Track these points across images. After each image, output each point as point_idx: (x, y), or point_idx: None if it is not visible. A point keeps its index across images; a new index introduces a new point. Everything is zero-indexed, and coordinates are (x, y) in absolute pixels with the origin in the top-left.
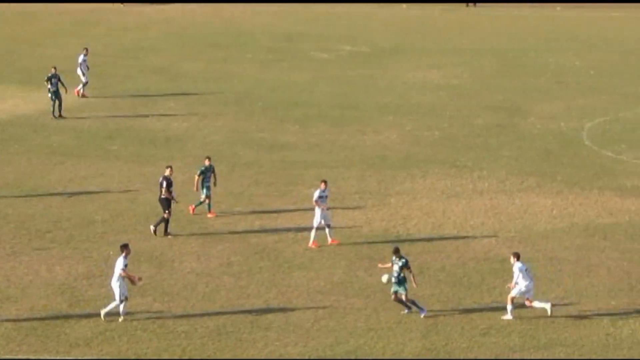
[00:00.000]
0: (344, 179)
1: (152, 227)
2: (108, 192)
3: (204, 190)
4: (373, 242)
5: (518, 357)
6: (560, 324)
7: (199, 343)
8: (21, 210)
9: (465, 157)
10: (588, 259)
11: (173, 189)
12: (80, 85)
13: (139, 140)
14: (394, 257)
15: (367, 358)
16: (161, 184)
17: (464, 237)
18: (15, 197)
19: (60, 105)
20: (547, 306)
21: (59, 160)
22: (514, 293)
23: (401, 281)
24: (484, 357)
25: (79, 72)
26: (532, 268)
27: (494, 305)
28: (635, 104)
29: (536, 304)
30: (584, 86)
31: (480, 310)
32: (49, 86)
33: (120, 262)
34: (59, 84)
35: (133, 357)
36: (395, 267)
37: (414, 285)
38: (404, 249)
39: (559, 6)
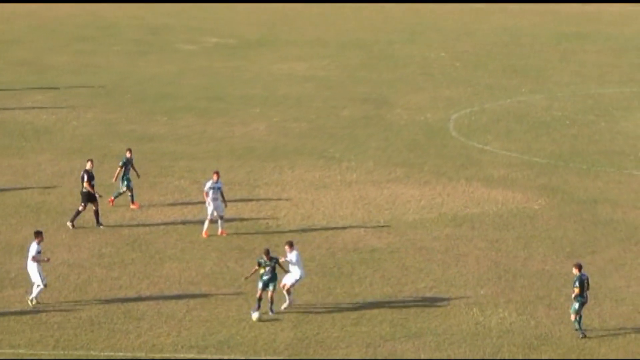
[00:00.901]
0: (212, 171)
1: (68, 223)
2: None
3: (124, 182)
4: (243, 233)
5: (389, 347)
6: (430, 313)
7: (72, 334)
8: None
9: (333, 149)
10: (457, 248)
11: (94, 182)
12: None
13: (7, 133)
14: (264, 259)
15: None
16: (82, 178)
17: (333, 228)
18: None
19: None
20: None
21: None
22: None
23: (273, 278)
24: (355, 347)
25: None
26: (401, 258)
27: (364, 295)
28: (499, 95)
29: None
30: (450, 78)
31: (351, 300)
32: None
33: (33, 249)
34: None
35: (7, 349)
36: (268, 268)
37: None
38: (273, 239)
39: None
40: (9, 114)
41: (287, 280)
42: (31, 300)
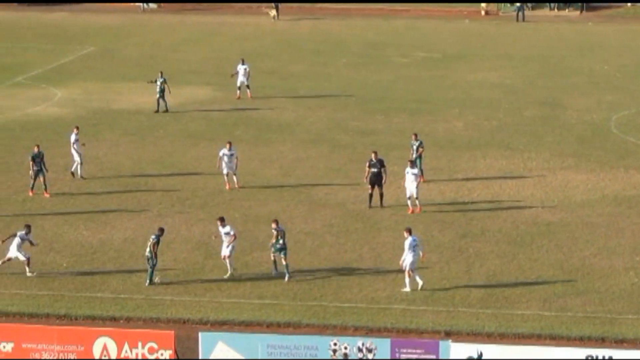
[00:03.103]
0: (422, 166)
1: None
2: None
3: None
4: (444, 210)
5: (561, 302)
6: (594, 275)
7: (307, 288)
8: (165, 182)
9: (517, 142)
10: (616, 223)
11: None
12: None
13: (257, 127)
14: (275, 227)
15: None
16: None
17: (516, 206)
18: (161, 170)
19: (165, 103)
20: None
21: (193, 142)
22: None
23: (283, 248)
24: (534, 302)
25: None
26: (571, 231)
27: (542, 260)
28: None
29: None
30: (611, 86)
31: (530, 264)
32: (157, 90)
33: (18, 238)
34: (166, 87)
35: (255, 299)
36: (279, 239)
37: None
38: (468, 215)
39: (590, 22)
40: (259, 113)
41: (407, 264)
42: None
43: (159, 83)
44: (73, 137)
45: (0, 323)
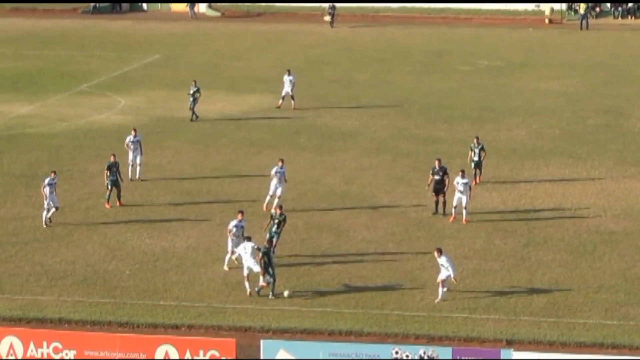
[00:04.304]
0: (482, 167)
1: None
2: (296, 175)
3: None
4: (507, 220)
5: (624, 311)
6: None
7: (369, 296)
8: (228, 190)
9: (580, 150)
10: None
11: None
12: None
13: (320, 135)
14: (277, 213)
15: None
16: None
17: (579, 214)
18: (223, 179)
19: (192, 111)
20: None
21: (257, 150)
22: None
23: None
24: (596, 310)
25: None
26: (634, 239)
27: (604, 268)
28: None
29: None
30: None
31: (593, 272)
32: (191, 99)
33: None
34: (196, 95)
35: (317, 307)
36: (276, 221)
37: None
38: (530, 223)
39: None
40: (322, 120)
41: (441, 276)
42: (228, 265)
43: (192, 92)
44: (130, 138)
45: (63, 330)
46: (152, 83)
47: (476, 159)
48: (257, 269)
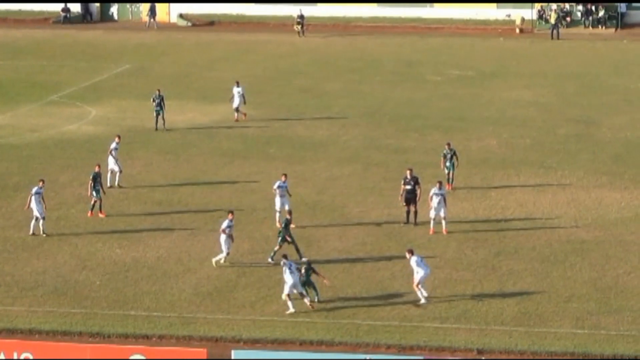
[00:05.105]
0: (454, 177)
1: None
2: (267, 186)
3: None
4: (478, 230)
5: (594, 320)
6: (628, 293)
7: (340, 305)
8: (198, 200)
9: (551, 160)
10: None
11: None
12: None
13: (291, 145)
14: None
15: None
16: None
17: (550, 224)
18: (194, 188)
19: (163, 120)
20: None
21: (228, 160)
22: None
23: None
24: (567, 319)
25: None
26: (605, 249)
27: (575, 278)
28: None
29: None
30: None
31: (564, 282)
32: (154, 105)
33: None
34: (162, 104)
35: (304, 318)
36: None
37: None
38: (501, 233)
39: (625, 40)
40: (292, 130)
41: (415, 280)
42: (216, 262)
43: (156, 101)
44: (113, 145)
45: (34, 341)
46: (122, 93)
47: (449, 164)
48: (299, 289)
